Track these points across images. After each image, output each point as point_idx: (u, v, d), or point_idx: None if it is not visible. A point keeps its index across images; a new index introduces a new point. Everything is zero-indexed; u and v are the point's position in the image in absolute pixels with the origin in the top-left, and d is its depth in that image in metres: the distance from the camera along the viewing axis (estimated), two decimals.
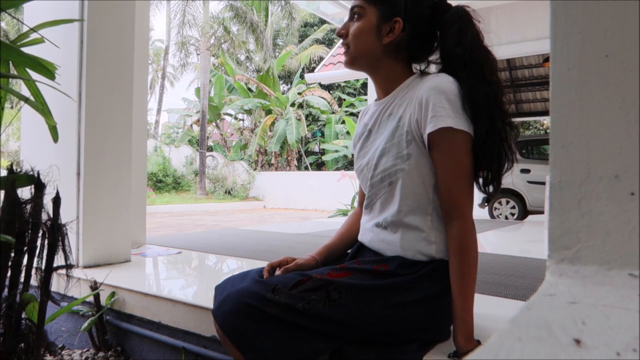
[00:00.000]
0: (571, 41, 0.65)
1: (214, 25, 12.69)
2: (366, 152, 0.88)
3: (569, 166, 0.67)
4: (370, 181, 0.85)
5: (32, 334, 0.94)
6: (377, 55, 0.83)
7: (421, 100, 0.76)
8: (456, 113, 0.74)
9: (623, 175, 0.60)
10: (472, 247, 0.75)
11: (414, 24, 0.81)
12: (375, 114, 0.87)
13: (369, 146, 0.88)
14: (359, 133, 0.92)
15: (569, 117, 0.67)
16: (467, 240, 0.75)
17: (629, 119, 0.60)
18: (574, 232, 0.66)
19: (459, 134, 0.74)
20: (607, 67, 0.62)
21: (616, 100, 0.62)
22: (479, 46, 0.79)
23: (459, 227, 0.75)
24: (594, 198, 0.64)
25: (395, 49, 0.83)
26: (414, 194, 0.80)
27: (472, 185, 0.78)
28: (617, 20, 0.61)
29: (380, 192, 0.84)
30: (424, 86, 0.78)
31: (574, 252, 0.66)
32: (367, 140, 0.88)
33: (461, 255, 0.75)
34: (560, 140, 0.68)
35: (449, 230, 0.77)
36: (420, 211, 0.80)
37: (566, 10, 0.66)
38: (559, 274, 0.66)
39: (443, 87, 0.75)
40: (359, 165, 0.90)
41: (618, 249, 0.62)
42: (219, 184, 11.66)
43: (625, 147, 0.61)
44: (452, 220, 0.77)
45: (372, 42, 0.82)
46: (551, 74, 0.69)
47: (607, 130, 0.63)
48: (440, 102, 0.74)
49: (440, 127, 0.73)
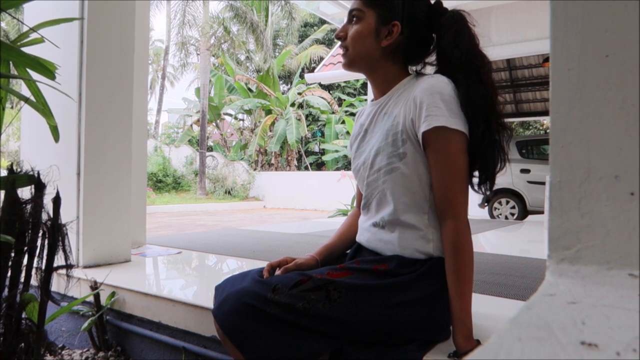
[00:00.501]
0: (571, 41, 0.65)
1: (214, 26, 12.70)
2: (362, 152, 0.88)
3: (569, 166, 0.67)
4: (366, 180, 0.86)
5: (32, 333, 0.94)
6: (375, 57, 0.84)
7: (416, 100, 0.77)
8: (451, 113, 0.75)
9: (623, 175, 0.61)
10: (467, 247, 0.75)
11: (411, 27, 0.83)
12: (371, 114, 0.88)
13: (365, 146, 0.88)
14: (356, 133, 0.93)
15: (568, 117, 0.67)
16: (461, 240, 0.75)
17: (629, 119, 0.60)
18: (574, 232, 0.66)
19: (453, 134, 0.75)
20: (606, 67, 0.62)
21: (616, 100, 0.62)
22: (475, 49, 0.80)
23: (452, 227, 0.76)
24: (594, 198, 0.64)
25: (393, 52, 0.84)
26: (409, 192, 0.80)
27: (466, 186, 0.79)
28: (617, 21, 0.61)
29: (377, 190, 0.84)
30: (419, 86, 0.78)
31: (574, 252, 0.66)
32: (363, 140, 0.89)
33: (456, 255, 0.75)
34: (560, 140, 0.68)
35: (443, 230, 0.78)
36: (416, 209, 0.80)
37: (566, 11, 0.66)
38: (559, 274, 0.66)
39: (438, 87, 0.76)
40: (355, 165, 0.90)
41: (618, 249, 0.62)
42: (219, 184, 11.67)
43: (625, 147, 0.61)
44: (445, 220, 0.77)
45: (371, 45, 0.83)
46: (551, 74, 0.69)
47: (607, 130, 0.63)
48: (434, 102, 0.75)
49: (435, 126, 0.74)
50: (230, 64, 13.20)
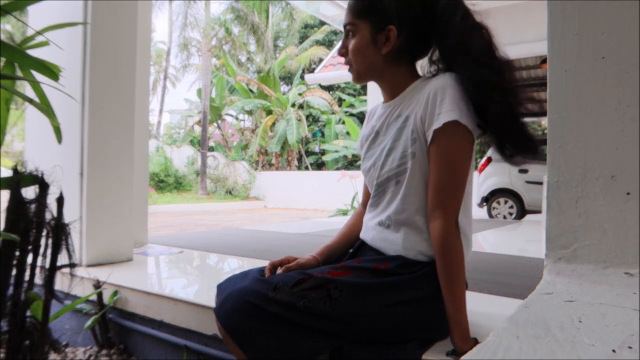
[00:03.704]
0: (568, 43, 0.66)
1: (215, 27, 12.72)
2: (373, 153, 0.88)
3: (566, 166, 0.68)
4: (376, 180, 0.86)
5: (36, 331, 0.95)
6: (379, 66, 0.84)
7: (427, 99, 0.77)
8: (460, 110, 0.74)
9: (619, 175, 0.61)
10: (455, 249, 0.74)
11: (408, 27, 0.81)
12: (383, 116, 0.88)
13: (376, 147, 0.88)
14: (366, 135, 0.92)
15: (566, 118, 0.68)
16: (448, 241, 0.74)
17: (625, 119, 0.61)
18: (571, 231, 0.67)
19: (459, 131, 0.74)
20: (603, 69, 0.63)
21: (612, 102, 0.63)
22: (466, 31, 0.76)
23: (440, 228, 0.74)
24: (591, 198, 0.65)
25: (396, 55, 0.83)
26: (417, 193, 0.80)
27: (461, 187, 0.77)
28: (613, 23, 0.62)
29: (387, 191, 0.84)
30: (429, 86, 0.78)
31: (571, 251, 0.67)
32: (374, 142, 0.89)
33: (444, 257, 0.74)
34: (557, 141, 0.69)
35: (431, 229, 0.76)
36: (423, 211, 0.80)
37: (563, 13, 0.67)
38: (557, 273, 0.67)
39: (447, 85, 0.75)
40: (365, 166, 0.90)
41: (614, 248, 0.63)
42: (220, 184, 11.68)
43: (622, 148, 0.62)
44: (434, 220, 0.76)
45: (372, 55, 0.83)
46: (549, 75, 0.70)
47: (604, 131, 0.64)
48: (442, 100, 0.74)
49: (445, 122, 0.73)
50: (231, 65, 13.21)
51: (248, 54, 15.13)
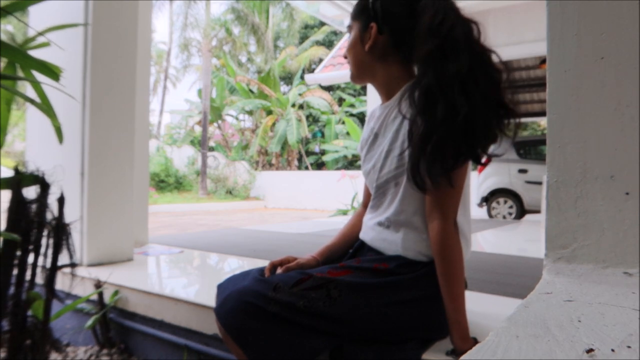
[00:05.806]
0: (567, 43, 0.66)
1: (215, 27, 12.73)
2: (372, 156, 0.88)
3: (566, 166, 0.68)
4: (376, 182, 0.86)
5: (37, 331, 0.95)
6: (367, 63, 0.86)
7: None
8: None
9: (618, 175, 0.62)
10: (454, 250, 0.74)
11: (391, 24, 0.81)
12: (381, 118, 0.88)
13: (375, 149, 0.88)
14: (366, 137, 0.92)
15: (565, 118, 0.68)
16: (447, 242, 0.74)
17: (624, 120, 0.61)
18: (571, 231, 0.67)
19: None
20: (602, 69, 0.63)
21: (611, 102, 0.63)
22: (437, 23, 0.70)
23: (439, 228, 0.74)
24: (590, 198, 0.65)
25: (382, 53, 0.84)
26: (415, 194, 0.80)
27: (460, 190, 0.77)
28: (613, 23, 0.62)
29: (387, 193, 0.85)
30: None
31: (570, 251, 0.67)
32: (373, 144, 0.89)
33: (443, 258, 0.74)
34: (557, 141, 0.69)
35: (430, 230, 0.77)
36: (422, 212, 0.80)
37: (563, 13, 0.67)
38: (556, 273, 0.67)
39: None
40: (365, 168, 0.90)
41: (613, 248, 0.63)
42: (220, 183, 11.69)
43: (621, 148, 0.62)
44: (432, 221, 0.76)
45: (359, 52, 0.85)
46: (548, 75, 0.70)
47: (603, 131, 0.64)
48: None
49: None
50: (231, 65, 13.22)
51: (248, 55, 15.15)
